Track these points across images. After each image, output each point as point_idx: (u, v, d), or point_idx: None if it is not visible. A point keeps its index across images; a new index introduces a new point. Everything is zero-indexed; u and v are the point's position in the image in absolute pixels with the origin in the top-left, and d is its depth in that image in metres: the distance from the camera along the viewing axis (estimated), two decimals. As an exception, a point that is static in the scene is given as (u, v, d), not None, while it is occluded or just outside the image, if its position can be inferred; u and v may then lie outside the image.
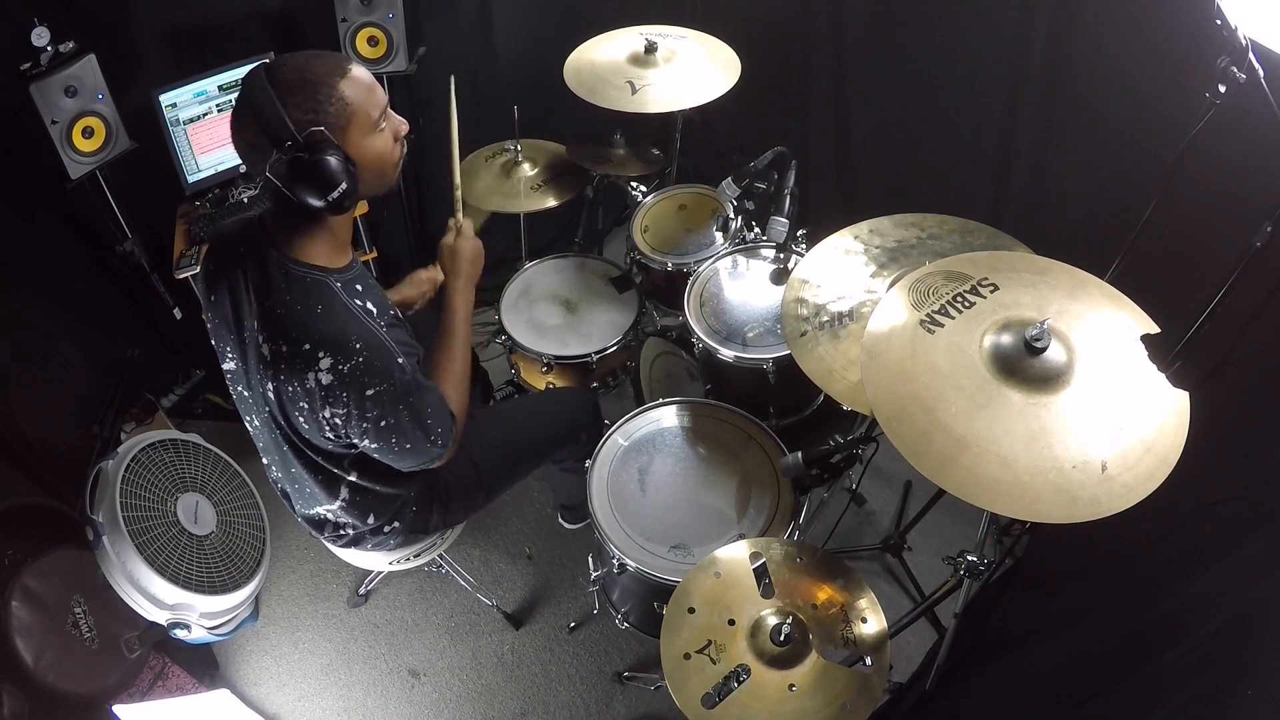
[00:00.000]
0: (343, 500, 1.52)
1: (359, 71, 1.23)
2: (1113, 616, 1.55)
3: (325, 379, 1.24)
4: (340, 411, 1.27)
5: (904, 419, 1.12)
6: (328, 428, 1.31)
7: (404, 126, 1.32)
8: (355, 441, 1.35)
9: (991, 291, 1.23)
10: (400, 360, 1.29)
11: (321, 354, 1.23)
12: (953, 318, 1.20)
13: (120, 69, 2.12)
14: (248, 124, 1.18)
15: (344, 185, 1.19)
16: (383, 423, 1.29)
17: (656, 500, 1.72)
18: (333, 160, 1.18)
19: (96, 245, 2.36)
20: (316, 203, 1.19)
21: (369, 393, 1.25)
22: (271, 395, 1.32)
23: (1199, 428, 1.07)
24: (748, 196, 2.09)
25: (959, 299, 1.22)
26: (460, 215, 1.63)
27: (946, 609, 1.94)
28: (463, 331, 1.55)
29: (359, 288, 1.32)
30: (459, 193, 1.66)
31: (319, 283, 1.27)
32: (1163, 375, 1.10)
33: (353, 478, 1.48)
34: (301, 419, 1.33)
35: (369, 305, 1.31)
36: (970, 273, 1.26)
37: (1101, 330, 1.16)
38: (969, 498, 1.04)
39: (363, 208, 2.56)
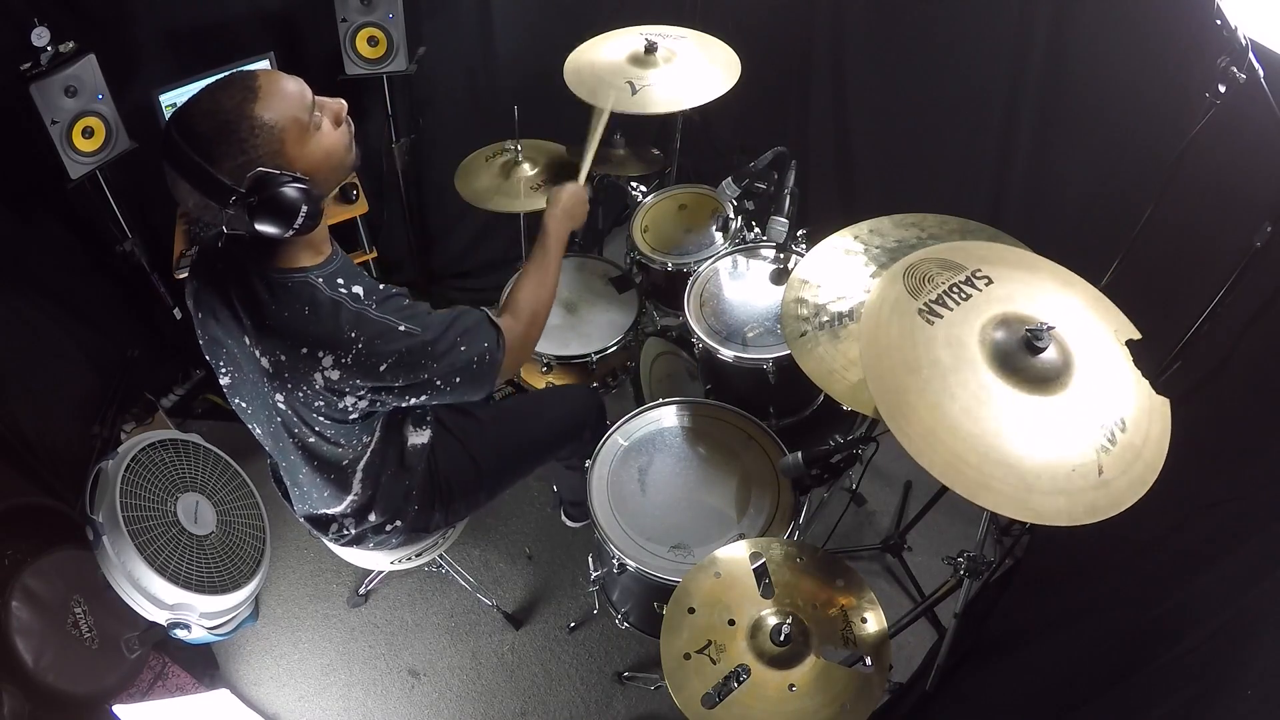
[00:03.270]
0: (352, 498, 1.52)
1: (270, 82, 1.15)
2: (1113, 616, 1.55)
3: (333, 375, 1.23)
4: (362, 392, 1.27)
5: (906, 412, 1.11)
6: (362, 405, 1.31)
7: (342, 108, 1.26)
8: (404, 403, 1.35)
9: (986, 284, 1.22)
10: (402, 327, 1.26)
11: (321, 353, 1.22)
12: (950, 309, 1.19)
13: (120, 69, 2.13)
14: (187, 192, 1.14)
15: (304, 208, 1.16)
16: (416, 379, 1.29)
17: (656, 500, 1.72)
18: (285, 191, 1.13)
19: (96, 245, 2.36)
20: (285, 234, 1.17)
21: (382, 368, 1.25)
22: (283, 405, 1.32)
23: (1199, 428, 1.07)
24: (748, 196, 2.09)
25: (955, 289, 1.21)
26: (581, 179, 1.79)
27: (946, 609, 1.94)
28: (555, 250, 1.59)
29: (341, 279, 1.29)
30: (587, 161, 1.84)
31: (301, 284, 1.25)
32: (1147, 383, 1.10)
33: (360, 478, 1.48)
34: (321, 417, 1.32)
35: (355, 289, 1.28)
36: (963, 263, 1.25)
37: (1091, 330, 1.16)
38: (974, 497, 1.04)
39: (362, 207, 2.56)
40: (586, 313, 2.24)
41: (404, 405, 1.37)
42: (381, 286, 1.34)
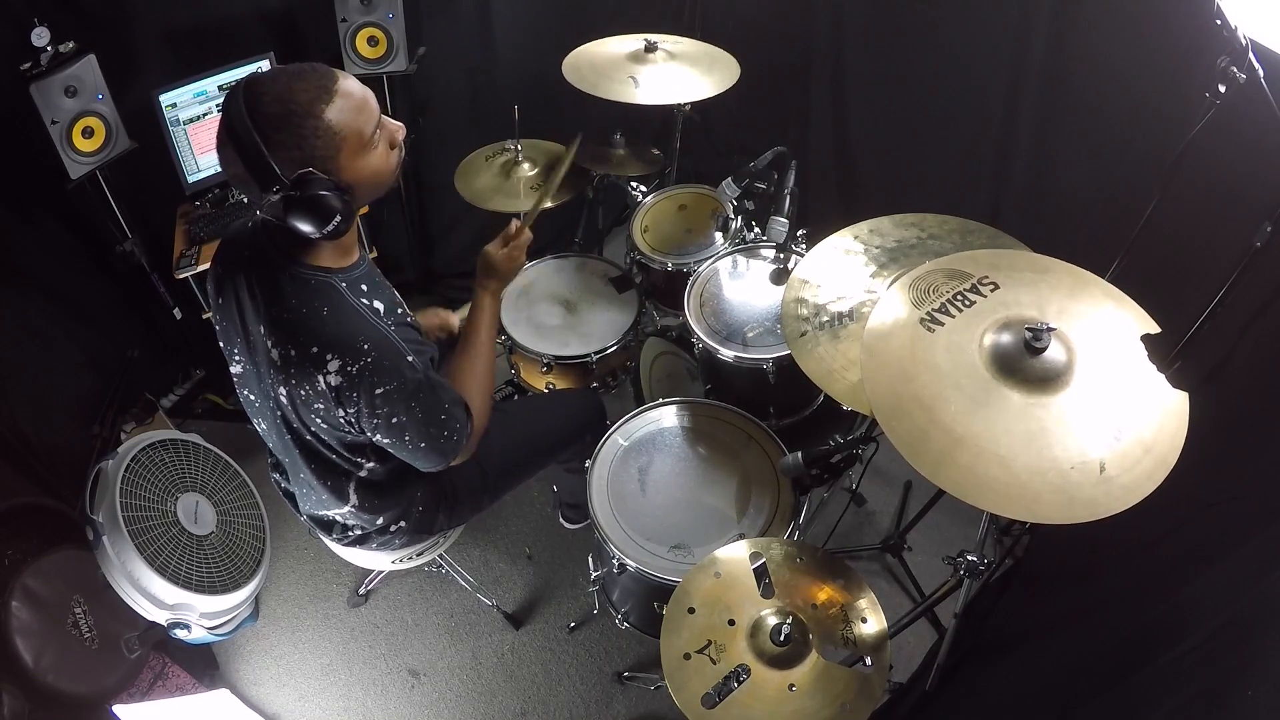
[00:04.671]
0: (352, 505, 1.52)
1: (346, 88, 1.16)
2: (1113, 616, 1.55)
3: (334, 380, 1.24)
4: (352, 411, 1.28)
5: (903, 418, 1.11)
6: (346, 425, 1.32)
7: (400, 132, 1.27)
8: (370, 437, 1.36)
9: (992, 290, 1.23)
10: (410, 359, 1.28)
11: (329, 356, 1.23)
12: (953, 316, 1.20)
13: (120, 69, 2.13)
14: (233, 160, 1.14)
15: (339, 218, 1.17)
16: (394, 420, 1.29)
17: (656, 500, 1.71)
18: (326, 196, 1.14)
19: (96, 245, 2.36)
20: (314, 234, 1.18)
21: (378, 392, 1.25)
22: (284, 400, 1.33)
23: (1199, 428, 1.07)
24: (748, 196, 2.09)
25: (959, 297, 1.22)
26: (525, 225, 1.61)
27: (946, 609, 1.94)
28: (486, 334, 1.54)
29: (364, 287, 1.32)
30: (538, 206, 1.78)
31: (324, 284, 1.26)
32: (1163, 376, 1.10)
33: (363, 476, 1.49)
34: (319, 419, 1.33)
35: (376, 304, 1.31)
36: (971, 271, 1.26)
37: (1102, 330, 1.16)
38: (968, 498, 1.04)
39: (363, 208, 2.56)
40: (586, 313, 2.24)
41: (371, 439, 1.36)
42: (400, 310, 1.36)
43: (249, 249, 1.30)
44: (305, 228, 1.17)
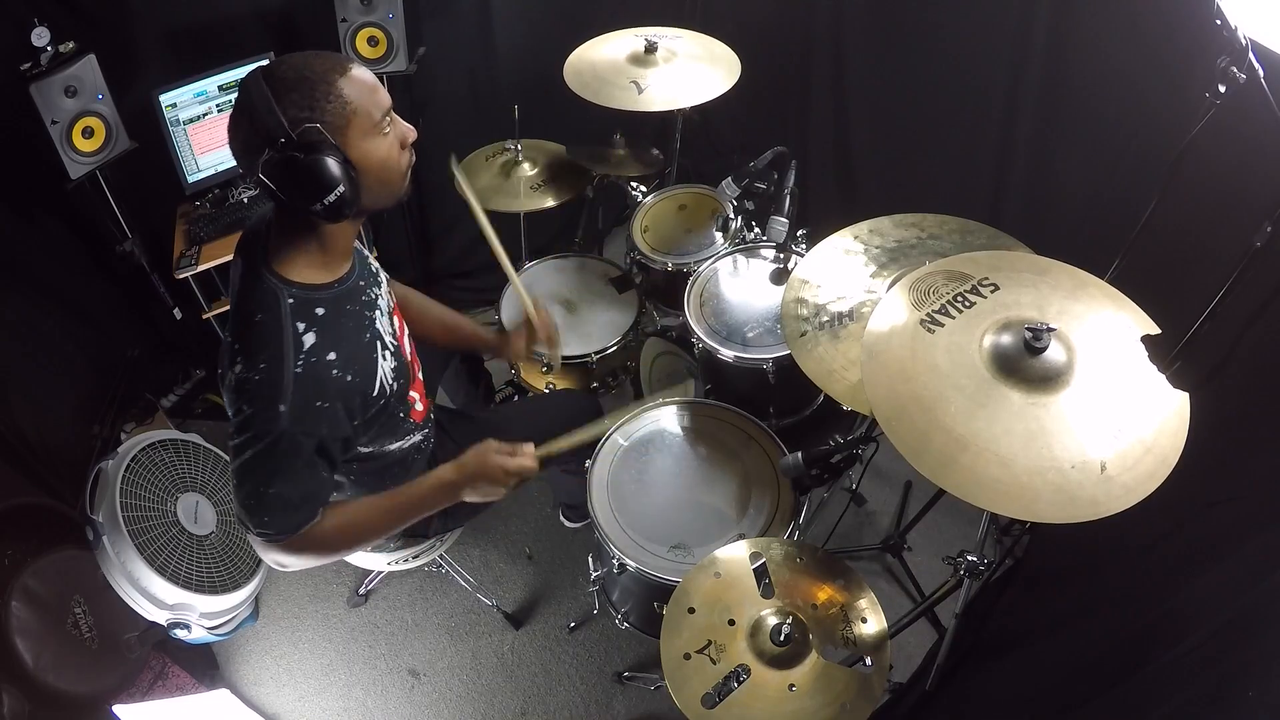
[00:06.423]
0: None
1: (360, 71, 1.17)
2: (1113, 616, 1.55)
3: (230, 381, 1.18)
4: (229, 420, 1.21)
5: (903, 418, 1.12)
6: None
7: (411, 133, 1.25)
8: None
9: (992, 291, 1.23)
10: (283, 408, 1.15)
11: (238, 359, 1.17)
12: (953, 317, 1.20)
13: (120, 69, 2.12)
14: (242, 125, 1.12)
15: (342, 189, 1.12)
16: (234, 455, 1.20)
17: (656, 500, 1.71)
18: (329, 160, 1.10)
19: (96, 245, 2.36)
20: (311, 206, 1.12)
21: (234, 412, 1.19)
22: None
23: (1199, 428, 1.07)
24: (748, 196, 2.09)
25: (959, 299, 1.22)
26: (535, 456, 1.46)
27: (946, 609, 1.94)
28: (427, 503, 1.41)
29: (318, 312, 1.22)
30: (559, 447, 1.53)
31: (270, 290, 1.20)
32: (1163, 376, 1.10)
33: (346, 479, 1.48)
34: None
35: (308, 336, 1.19)
36: (971, 272, 1.26)
37: (1102, 331, 1.17)
38: (968, 497, 1.05)
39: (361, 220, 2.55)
40: (586, 313, 2.24)
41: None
42: (336, 371, 1.22)
43: (253, 243, 1.30)
44: (300, 195, 1.11)
